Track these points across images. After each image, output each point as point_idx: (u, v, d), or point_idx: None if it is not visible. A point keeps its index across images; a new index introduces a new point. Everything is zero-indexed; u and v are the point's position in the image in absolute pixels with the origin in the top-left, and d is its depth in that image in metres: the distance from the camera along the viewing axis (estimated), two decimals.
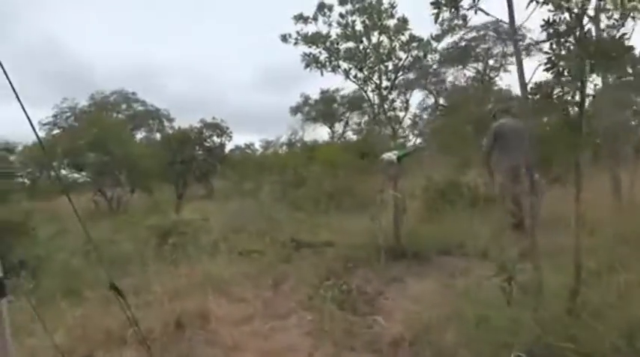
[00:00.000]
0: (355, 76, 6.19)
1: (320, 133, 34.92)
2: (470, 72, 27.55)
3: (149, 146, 23.03)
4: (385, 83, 7.52)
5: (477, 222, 6.44)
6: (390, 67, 6.44)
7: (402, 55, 6.38)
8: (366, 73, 5.95)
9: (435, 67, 25.32)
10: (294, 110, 33.78)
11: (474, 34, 25.83)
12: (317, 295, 4.32)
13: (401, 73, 6.11)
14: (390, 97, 9.19)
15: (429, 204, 7.18)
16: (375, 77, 6.16)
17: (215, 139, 22.52)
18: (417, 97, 25.00)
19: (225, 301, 4.63)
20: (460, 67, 26.92)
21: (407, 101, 9.34)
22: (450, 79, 26.49)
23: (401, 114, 18.40)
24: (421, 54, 6.12)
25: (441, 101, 25.69)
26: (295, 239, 6.51)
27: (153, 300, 4.53)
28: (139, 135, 31.08)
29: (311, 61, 6.12)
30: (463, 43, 25.28)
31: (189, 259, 5.81)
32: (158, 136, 31.22)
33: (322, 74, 6.01)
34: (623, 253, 3.63)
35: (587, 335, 2.53)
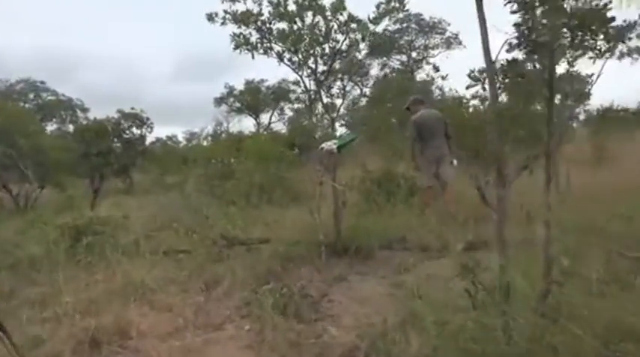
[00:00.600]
0: (290, 60, 5.78)
1: (245, 124, 34.21)
2: (394, 64, 28.20)
3: (61, 138, 21.40)
4: (322, 68, 7.15)
5: (415, 214, 6.26)
6: (327, 50, 6.05)
7: (340, 37, 6.07)
8: (300, 56, 5.54)
9: (360, 58, 25.72)
10: (219, 101, 32.98)
11: (397, 26, 26.41)
12: (255, 300, 3.89)
13: (338, 57, 5.73)
14: (327, 82, 8.67)
15: (367, 196, 6.91)
16: (311, 61, 5.77)
17: (134, 130, 21.29)
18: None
19: (150, 310, 4.09)
20: (384, 58, 27.50)
21: (344, 88, 8.97)
22: (373, 71, 27.05)
23: (338, 101, 18.98)
24: (359, 37, 5.81)
25: (366, 92, 26.06)
26: (226, 236, 6.01)
27: (63, 314, 3.91)
28: (50, 127, 28.94)
29: (241, 43, 5.60)
30: (387, 34, 25.79)
31: (107, 262, 5.17)
32: (71, 127, 29.30)
33: (253, 57, 5.55)
34: (583, 245, 3.48)
35: (564, 339, 2.30)
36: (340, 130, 19.10)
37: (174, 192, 10.90)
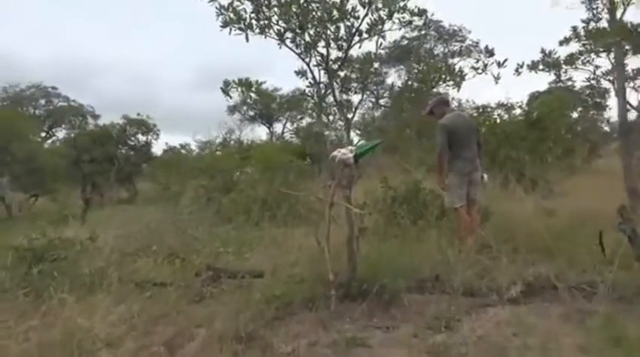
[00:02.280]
0: (294, 41, 4.72)
1: (258, 133, 33.27)
2: (410, 73, 26.88)
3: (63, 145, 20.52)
4: (335, 53, 6.01)
5: (449, 242, 4.99)
6: (343, 30, 4.98)
7: (361, 11, 5.00)
8: (308, 37, 4.51)
9: (376, 66, 24.41)
10: (232, 110, 32.20)
11: (415, 33, 25.19)
12: None
13: (357, 39, 4.68)
14: (342, 74, 7.28)
15: (389, 218, 5.66)
16: (321, 45, 4.74)
17: (140, 137, 20.38)
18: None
19: None
20: (401, 67, 26.22)
21: (364, 81, 7.56)
22: (390, 79, 25.78)
23: (356, 98, 14.13)
24: (385, 12, 4.77)
25: (382, 102, 24.77)
26: (213, 267, 4.81)
27: None
28: (60, 133, 28.13)
29: (230, 19, 4.60)
30: (405, 42, 24.55)
31: (51, 299, 3.99)
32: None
33: (247, 39, 4.55)
34: None
35: None
36: (356, 140, 17.70)
37: (171, 205, 9.74)
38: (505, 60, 8.99)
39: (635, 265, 3.62)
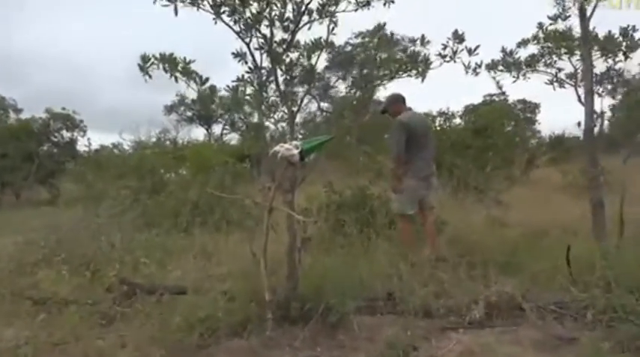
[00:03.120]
0: (232, 16, 4.10)
1: (196, 134, 32.17)
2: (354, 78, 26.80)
3: None
4: (280, 35, 5.20)
5: (400, 254, 4.51)
6: (290, 8, 4.39)
7: None
8: (249, 13, 3.94)
9: (319, 71, 24.14)
10: (169, 109, 30.95)
11: (359, 39, 25.14)
12: None
13: (306, 19, 4.13)
14: (288, 58, 6.39)
15: (335, 226, 5.12)
16: (265, 24, 4.17)
17: (65, 133, 18.91)
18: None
19: None
20: (344, 72, 26.07)
21: (312, 67, 6.73)
22: (333, 84, 25.57)
23: (300, 91, 11.91)
24: None
25: (324, 106, 24.46)
26: (128, 281, 4.09)
27: None
28: None
29: None
30: (348, 48, 24.40)
31: None
32: None
33: (176, 13, 3.97)
34: None
35: None
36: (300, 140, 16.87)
37: (89, 207, 8.76)
38: (477, 47, 8.44)
39: (608, 285, 3.25)
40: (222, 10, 3.77)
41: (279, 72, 3.29)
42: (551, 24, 9.16)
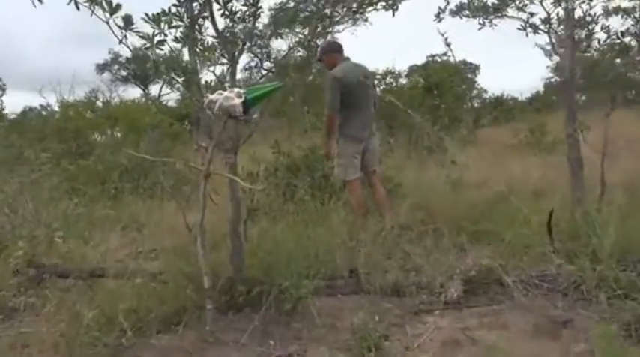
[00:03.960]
0: None
1: (133, 94, 30.60)
2: (297, 37, 25.95)
3: None
4: None
5: (358, 223, 4.01)
6: None
7: None
8: None
9: (260, 29, 23.23)
10: (101, 68, 29.25)
11: None
12: None
13: None
14: None
15: (285, 191, 4.54)
16: None
17: None
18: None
19: None
20: (287, 30, 25.17)
21: (256, 7, 6.27)
22: (275, 44, 24.71)
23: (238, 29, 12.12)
24: None
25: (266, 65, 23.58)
26: (37, 262, 3.39)
27: None
28: None
29: None
30: (291, 4, 23.50)
31: None
32: None
33: None
34: None
35: None
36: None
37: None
38: None
39: (594, 255, 2.87)
40: None
41: (215, 6, 2.66)
42: None
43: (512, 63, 44.78)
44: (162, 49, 2.63)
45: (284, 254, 2.92)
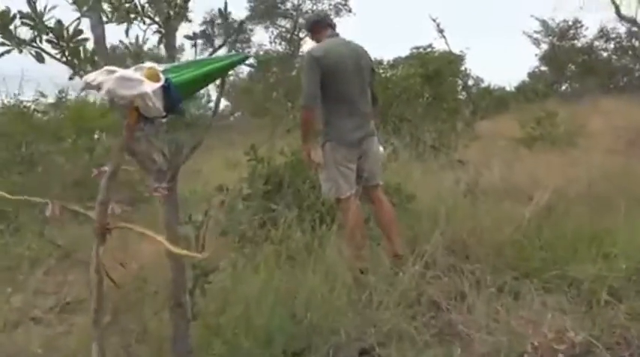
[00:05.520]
0: None
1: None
2: (278, 30, 24.99)
3: None
4: None
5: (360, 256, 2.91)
6: None
7: None
8: None
9: (239, 21, 22.23)
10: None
11: None
12: None
13: None
14: None
15: (264, 211, 3.39)
16: None
17: None
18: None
19: None
20: (268, 23, 24.13)
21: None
22: (256, 37, 23.73)
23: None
24: None
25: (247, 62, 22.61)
26: None
27: None
28: None
29: None
30: None
31: None
32: None
33: None
34: None
35: None
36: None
37: None
38: None
39: None
40: None
41: None
42: None
43: (496, 54, 44.45)
44: None
45: (260, 333, 1.81)
